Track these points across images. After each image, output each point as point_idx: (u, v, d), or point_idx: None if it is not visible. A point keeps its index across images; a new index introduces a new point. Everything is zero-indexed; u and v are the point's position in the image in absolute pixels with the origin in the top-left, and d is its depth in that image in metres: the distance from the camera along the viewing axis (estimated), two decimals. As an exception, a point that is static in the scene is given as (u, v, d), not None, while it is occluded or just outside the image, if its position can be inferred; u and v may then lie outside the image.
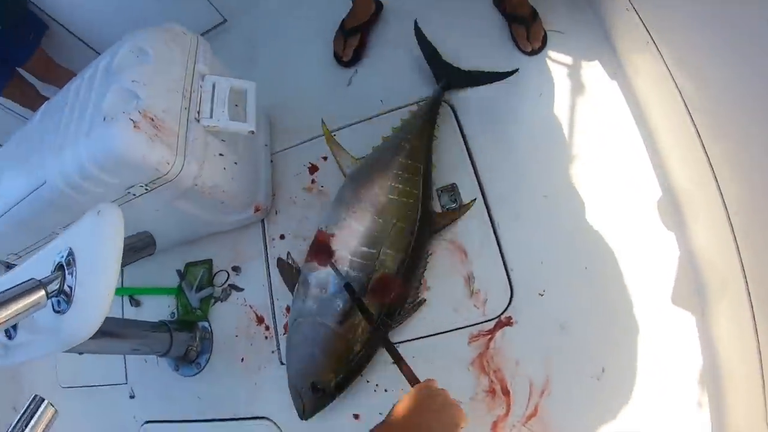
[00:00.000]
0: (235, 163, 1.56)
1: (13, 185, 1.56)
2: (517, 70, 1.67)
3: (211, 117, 1.46)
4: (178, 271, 1.86)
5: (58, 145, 1.40)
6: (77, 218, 1.19)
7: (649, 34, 1.41)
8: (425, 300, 1.51)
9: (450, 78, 1.73)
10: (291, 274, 1.62)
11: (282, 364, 1.63)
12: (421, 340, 1.49)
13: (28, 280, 0.97)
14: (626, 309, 1.35)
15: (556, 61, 1.69)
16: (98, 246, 1.03)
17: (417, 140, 1.59)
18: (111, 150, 1.27)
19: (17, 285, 0.95)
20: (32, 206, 1.49)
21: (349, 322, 1.41)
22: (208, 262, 1.83)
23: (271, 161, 1.88)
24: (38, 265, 1.12)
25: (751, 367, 1.15)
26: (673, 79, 1.34)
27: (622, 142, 1.52)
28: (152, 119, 1.32)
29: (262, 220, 1.82)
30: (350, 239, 1.49)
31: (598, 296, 1.39)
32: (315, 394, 1.41)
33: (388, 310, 1.45)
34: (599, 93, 1.60)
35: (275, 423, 1.61)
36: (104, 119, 1.29)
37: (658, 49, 1.38)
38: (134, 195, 1.43)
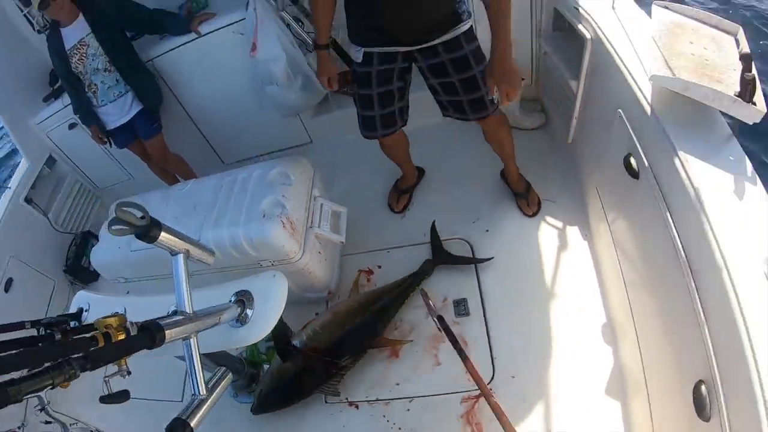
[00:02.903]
0: (326, 259, 2.34)
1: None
2: (492, 258, 2.42)
3: (319, 227, 2.24)
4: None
5: (213, 220, 2.12)
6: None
7: (606, 220, 2.15)
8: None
9: (441, 257, 2.49)
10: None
11: (326, 403, 2.29)
12: (432, 397, 2.17)
13: (233, 303, 1.58)
14: (563, 397, 2.03)
15: (548, 223, 2.50)
16: (271, 297, 1.62)
17: (397, 290, 2.38)
18: (265, 236, 2.01)
19: (225, 304, 1.55)
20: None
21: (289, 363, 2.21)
22: (281, 323, 2.49)
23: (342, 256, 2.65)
24: (218, 294, 1.66)
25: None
26: (615, 248, 2.10)
27: (584, 285, 2.24)
28: (292, 223, 2.08)
29: (327, 300, 2.55)
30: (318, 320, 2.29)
31: (544, 387, 2.07)
32: (259, 395, 2.22)
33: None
34: (575, 251, 2.36)
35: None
36: (264, 216, 2.04)
37: (609, 225, 2.16)
38: (260, 265, 2.14)
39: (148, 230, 1.29)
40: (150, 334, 1.14)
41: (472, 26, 1.94)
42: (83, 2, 2.67)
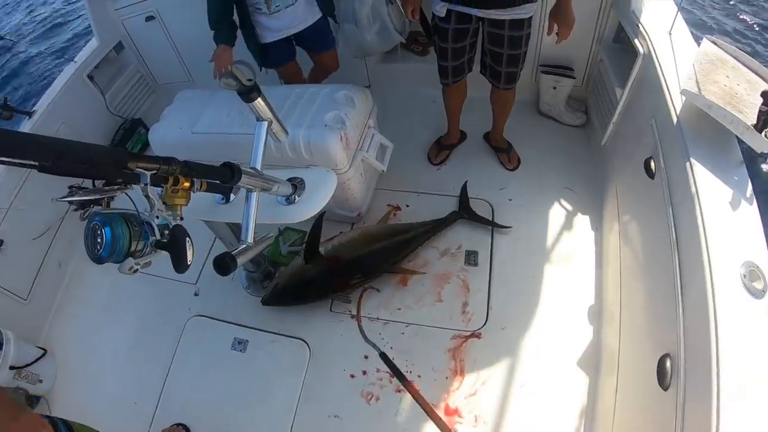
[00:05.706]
0: (365, 182, 2.57)
1: (219, 119, 2.37)
2: (510, 227, 2.66)
3: (367, 152, 2.46)
4: (279, 228, 2.73)
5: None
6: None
7: (618, 215, 2.44)
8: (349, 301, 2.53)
9: (466, 212, 2.74)
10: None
11: (331, 311, 2.51)
12: (427, 327, 2.40)
13: (287, 179, 1.80)
14: (541, 358, 2.27)
15: (564, 208, 2.75)
16: (320, 189, 1.83)
17: (422, 229, 2.63)
18: (323, 142, 2.21)
19: (283, 180, 1.76)
20: (228, 141, 2.29)
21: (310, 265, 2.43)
22: (304, 233, 2.68)
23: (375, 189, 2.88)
24: (277, 175, 1.83)
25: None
26: (620, 238, 2.34)
27: (583, 268, 2.48)
28: (347, 140, 2.29)
29: (352, 223, 2.79)
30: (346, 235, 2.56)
31: (527, 344, 2.32)
32: (274, 288, 2.44)
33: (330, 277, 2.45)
34: (583, 237, 2.61)
35: (307, 344, 2.42)
36: (326, 126, 2.25)
37: (619, 221, 2.40)
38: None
39: (250, 90, 1.54)
40: (230, 170, 1.37)
41: (532, 16, 2.21)
42: None
